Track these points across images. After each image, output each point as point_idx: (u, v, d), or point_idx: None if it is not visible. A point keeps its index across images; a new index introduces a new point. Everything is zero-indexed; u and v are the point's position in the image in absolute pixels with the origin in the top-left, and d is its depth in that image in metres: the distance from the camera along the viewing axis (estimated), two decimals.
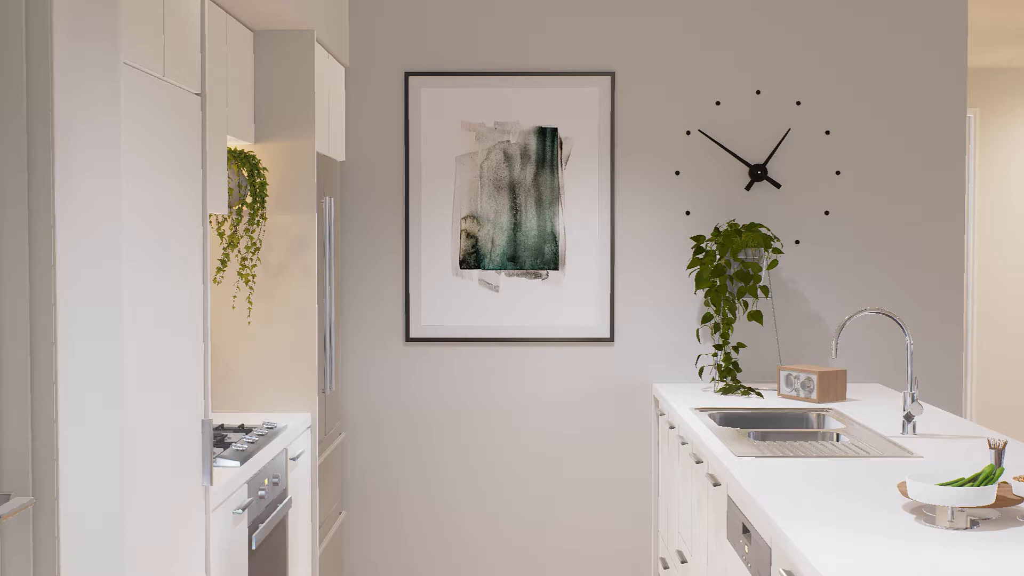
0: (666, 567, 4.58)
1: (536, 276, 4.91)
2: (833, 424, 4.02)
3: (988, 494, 2.46)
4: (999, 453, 2.79)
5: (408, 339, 4.92)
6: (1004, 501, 2.57)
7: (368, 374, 4.93)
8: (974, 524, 2.51)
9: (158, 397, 2.47)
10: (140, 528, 2.35)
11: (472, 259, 4.91)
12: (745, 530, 3.01)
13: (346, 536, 4.96)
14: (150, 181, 2.45)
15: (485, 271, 4.91)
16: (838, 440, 3.73)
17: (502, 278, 4.91)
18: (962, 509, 2.60)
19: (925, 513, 2.62)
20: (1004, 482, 2.74)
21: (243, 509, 3.11)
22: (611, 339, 4.91)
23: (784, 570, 2.51)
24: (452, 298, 4.91)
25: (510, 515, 4.95)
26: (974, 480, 2.54)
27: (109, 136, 2.26)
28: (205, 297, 2.81)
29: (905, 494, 2.64)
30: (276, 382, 4.06)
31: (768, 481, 2.97)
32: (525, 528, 4.95)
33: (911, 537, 2.42)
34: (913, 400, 3.64)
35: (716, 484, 3.39)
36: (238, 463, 3.18)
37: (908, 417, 3.64)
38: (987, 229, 7.35)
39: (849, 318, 3.75)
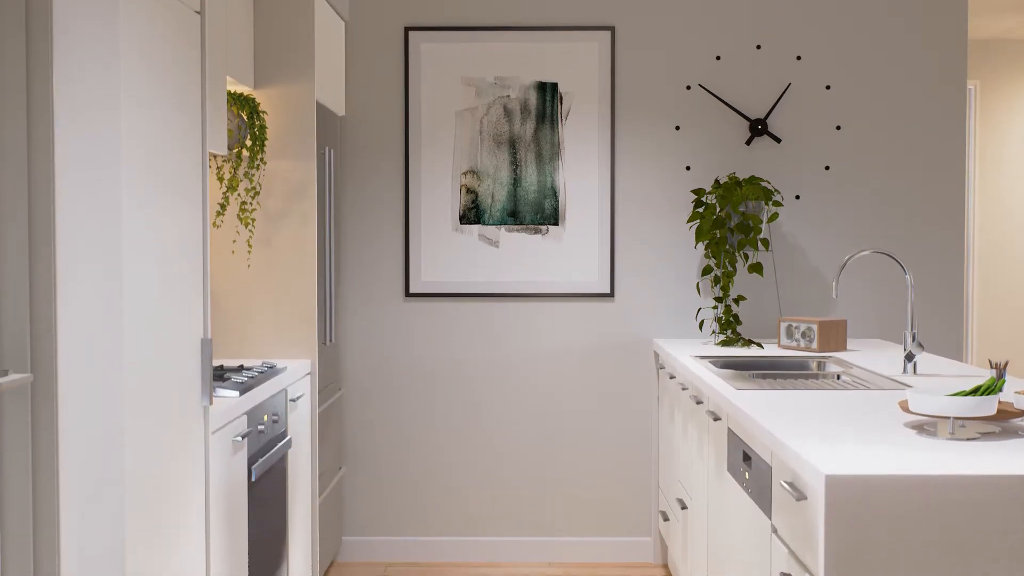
0: (666, 519, 4.57)
1: (536, 231, 4.90)
2: (834, 368, 4.01)
3: (990, 404, 2.45)
4: (1000, 371, 2.78)
5: (408, 294, 4.91)
6: (1006, 414, 2.57)
7: (367, 330, 4.92)
8: (975, 439, 2.50)
9: (157, 314, 2.47)
10: (139, 440, 2.34)
11: (472, 214, 4.90)
12: (746, 458, 3.00)
13: (345, 490, 4.95)
14: (149, 98, 2.44)
15: (485, 226, 4.90)
16: (839, 379, 3.73)
17: (502, 233, 4.90)
18: (963, 425, 2.60)
19: (927, 429, 2.61)
20: (1007, 402, 2.73)
21: (243, 437, 3.10)
22: (611, 295, 4.90)
23: (784, 482, 2.50)
24: (452, 253, 4.90)
25: (510, 471, 4.94)
26: (975, 392, 2.53)
27: (107, 37, 2.25)
28: (205, 218, 2.80)
29: (906, 410, 2.63)
30: (275, 329, 4.06)
31: (769, 408, 2.96)
32: (524, 484, 4.94)
33: (912, 447, 2.41)
34: (914, 340, 3.63)
35: (716, 419, 3.38)
36: (237, 393, 3.18)
37: (909, 357, 3.63)
38: (987, 189, 7.34)
39: (849, 258, 3.74)
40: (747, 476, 2.98)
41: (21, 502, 2.02)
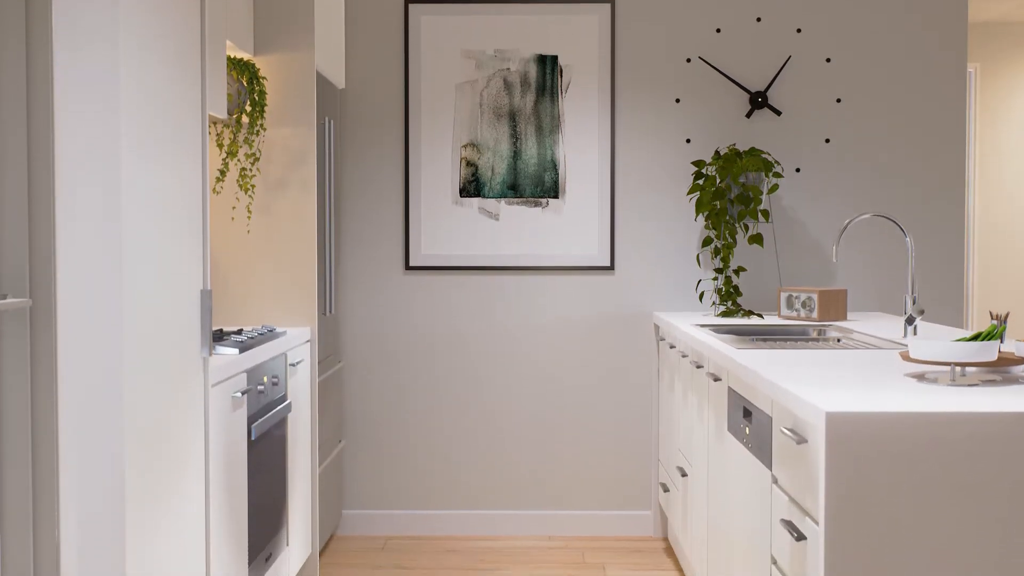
0: (666, 490, 4.56)
1: (536, 204, 4.90)
2: (834, 334, 4.01)
3: (990, 349, 2.45)
4: (1001, 320, 2.78)
5: (408, 268, 4.91)
6: (1007, 361, 2.56)
7: (367, 303, 4.91)
8: (976, 386, 2.49)
9: (156, 260, 2.46)
10: (139, 384, 2.33)
11: (472, 187, 4.90)
12: (746, 414, 3.00)
13: (345, 464, 4.95)
14: (148, 40, 2.43)
15: (485, 199, 4.90)
16: (839, 342, 3.72)
17: (502, 206, 4.90)
18: (964, 372, 2.59)
19: (928, 378, 2.60)
20: (1008, 352, 2.73)
21: (242, 394, 3.10)
22: (611, 267, 4.90)
23: (784, 428, 2.50)
24: (452, 227, 4.90)
25: (509, 445, 4.93)
26: (976, 338, 2.53)
27: None
28: (204, 171, 2.80)
29: (907, 358, 2.63)
30: (275, 296, 4.05)
31: (770, 362, 2.95)
32: (524, 458, 4.93)
33: (913, 392, 2.40)
34: (914, 303, 3.63)
35: (717, 379, 3.38)
36: (236, 351, 3.17)
37: (909, 320, 3.63)
38: (988, 171, 7.33)
39: (850, 222, 3.74)
40: (747, 432, 2.98)
41: (20, 426, 2.02)
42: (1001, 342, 2.58)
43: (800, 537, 2.34)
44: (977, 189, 7.32)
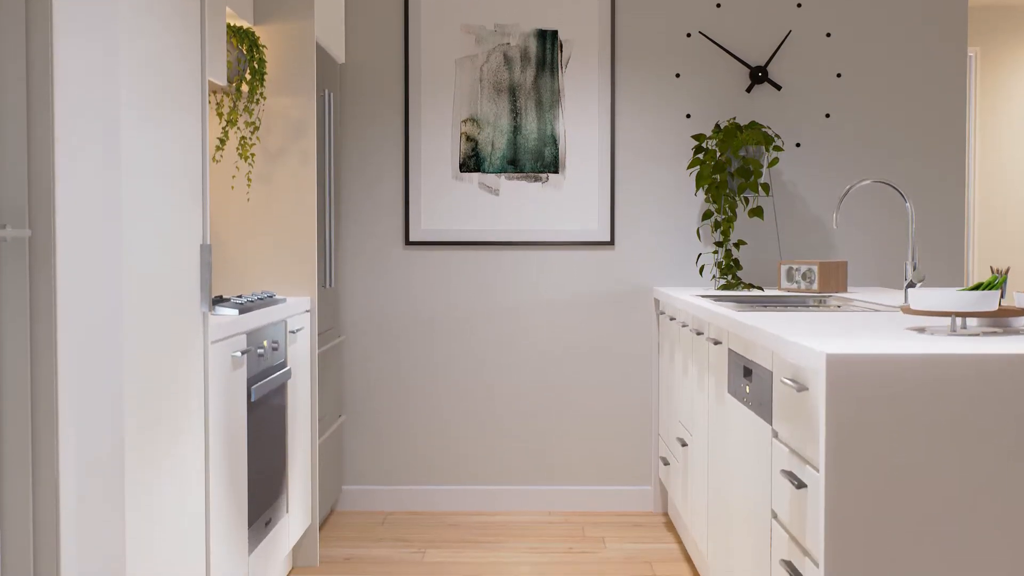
0: (666, 464, 4.56)
1: (536, 179, 4.90)
2: (834, 303, 4.01)
3: (991, 299, 2.44)
4: (1002, 274, 2.77)
5: (407, 243, 4.91)
6: (1008, 312, 2.56)
7: (366, 277, 4.91)
8: (977, 336, 2.49)
9: (155, 210, 2.45)
10: (139, 335, 2.33)
11: (472, 162, 4.89)
12: (746, 373, 2.99)
13: (345, 439, 4.94)
14: (148, 11, 2.43)
15: (485, 174, 4.90)
16: (839, 308, 3.72)
17: (502, 181, 4.90)
18: (964, 325, 2.59)
19: (929, 330, 2.60)
20: (1008, 305, 2.72)
21: (242, 354, 3.09)
22: (611, 243, 4.89)
23: (784, 379, 2.49)
24: (452, 202, 4.89)
25: (509, 420, 4.93)
26: (977, 288, 2.52)
27: None
28: (204, 129, 2.80)
29: (908, 311, 2.62)
30: (275, 266, 4.05)
31: (770, 320, 2.95)
32: (523, 433, 4.93)
33: (913, 340, 2.40)
34: (915, 270, 3.63)
35: (717, 343, 3.37)
36: (236, 312, 3.17)
37: (910, 286, 3.63)
38: (988, 153, 7.33)
39: (850, 188, 3.74)
40: (747, 391, 2.98)
41: (19, 356, 2.01)
42: (1002, 296, 2.58)
43: (800, 485, 2.34)
44: (977, 165, 7.32)
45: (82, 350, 2.18)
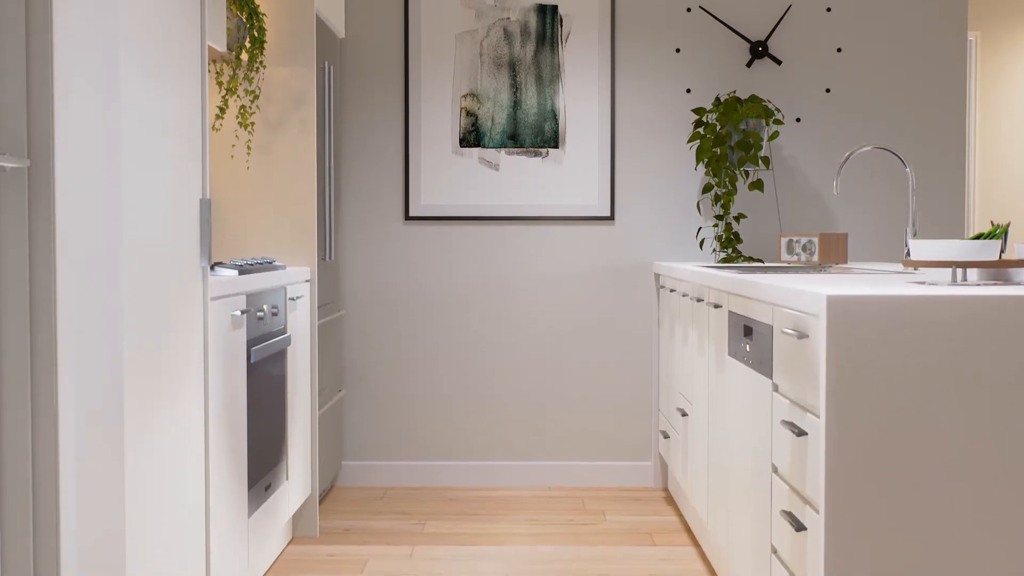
0: (666, 437, 4.56)
1: (536, 154, 4.89)
2: (834, 272, 4.00)
3: (992, 248, 2.44)
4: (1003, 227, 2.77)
5: (407, 217, 4.90)
6: (1008, 263, 2.55)
7: (366, 252, 4.91)
8: (978, 285, 2.49)
9: (154, 160, 2.45)
10: (137, 284, 2.32)
11: (472, 137, 4.89)
12: (747, 332, 2.99)
13: (345, 414, 4.94)
14: None
15: (485, 149, 4.89)
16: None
17: (502, 156, 4.89)
18: (965, 277, 2.59)
19: (930, 283, 2.60)
20: (1008, 258, 2.72)
21: (242, 313, 3.09)
22: (611, 218, 4.89)
23: (785, 330, 2.49)
24: (452, 176, 4.89)
25: (509, 395, 4.93)
26: (978, 238, 2.52)
27: None
28: (204, 86, 2.79)
29: (908, 263, 2.62)
30: (275, 236, 4.04)
31: (770, 278, 2.95)
32: (523, 408, 4.93)
33: (913, 288, 2.40)
34: (915, 236, 3.62)
35: (717, 307, 3.37)
36: (235, 272, 3.17)
37: (910, 252, 3.62)
38: (987, 137, 7.33)
39: (851, 154, 3.73)
40: (748, 349, 2.97)
41: (17, 283, 2.01)
42: (1002, 251, 2.57)
43: (800, 433, 2.33)
44: (978, 140, 7.31)
45: (81, 282, 2.17)
